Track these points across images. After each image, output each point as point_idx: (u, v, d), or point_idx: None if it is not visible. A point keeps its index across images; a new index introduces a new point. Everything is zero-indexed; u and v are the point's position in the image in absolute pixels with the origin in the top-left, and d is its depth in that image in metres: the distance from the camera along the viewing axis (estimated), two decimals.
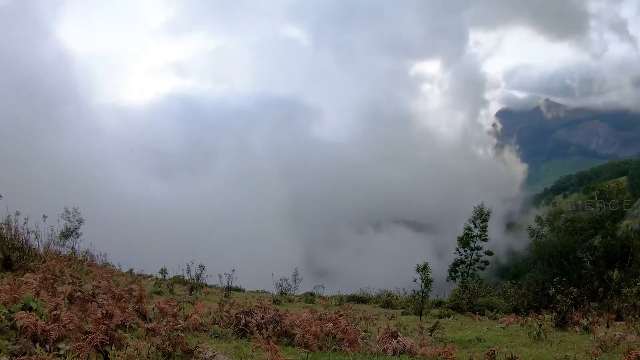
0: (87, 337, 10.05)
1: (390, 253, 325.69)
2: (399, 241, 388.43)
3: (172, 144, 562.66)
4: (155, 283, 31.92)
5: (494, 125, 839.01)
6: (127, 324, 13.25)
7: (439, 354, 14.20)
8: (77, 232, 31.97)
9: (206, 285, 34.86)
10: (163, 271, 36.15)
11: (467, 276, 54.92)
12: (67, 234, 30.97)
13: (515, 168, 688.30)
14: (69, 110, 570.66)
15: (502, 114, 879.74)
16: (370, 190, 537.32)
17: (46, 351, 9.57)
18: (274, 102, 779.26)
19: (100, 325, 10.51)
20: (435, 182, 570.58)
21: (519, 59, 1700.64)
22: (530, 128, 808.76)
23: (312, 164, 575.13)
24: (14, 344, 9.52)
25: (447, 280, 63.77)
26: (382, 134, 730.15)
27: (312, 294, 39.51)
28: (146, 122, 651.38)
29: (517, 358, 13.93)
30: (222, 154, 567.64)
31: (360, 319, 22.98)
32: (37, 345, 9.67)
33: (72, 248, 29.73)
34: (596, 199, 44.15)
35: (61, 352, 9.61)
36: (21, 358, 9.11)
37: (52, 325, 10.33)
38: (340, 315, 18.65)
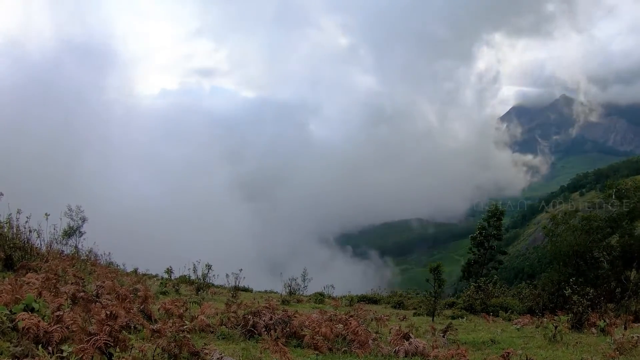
0: (90, 339, 10.04)
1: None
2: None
3: (172, 147, 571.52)
4: (161, 283, 31.94)
5: (507, 122, 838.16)
6: (132, 325, 13.26)
7: (452, 356, 14.15)
8: (81, 230, 31.91)
9: (213, 285, 34.84)
10: (169, 271, 36.11)
11: (481, 276, 54.74)
12: (70, 232, 30.90)
13: (529, 166, 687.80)
14: (73, 109, 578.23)
15: (517, 111, 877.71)
16: (373, 191, 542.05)
17: (49, 353, 9.56)
18: (275, 107, 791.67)
19: (104, 327, 10.50)
20: (438, 181, 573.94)
21: (534, 54, 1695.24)
22: (546, 125, 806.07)
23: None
24: (16, 346, 9.51)
25: (461, 280, 63.69)
26: (385, 133, 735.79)
27: (321, 294, 39.42)
28: (149, 123, 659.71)
29: None
30: (221, 157, 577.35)
31: (372, 319, 22.93)
32: (40, 347, 9.66)
33: (75, 247, 29.70)
34: (613, 197, 43.95)
35: (64, 354, 9.59)
36: None
37: (55, 327, 10.33)
38: (351, 316, 18.62)
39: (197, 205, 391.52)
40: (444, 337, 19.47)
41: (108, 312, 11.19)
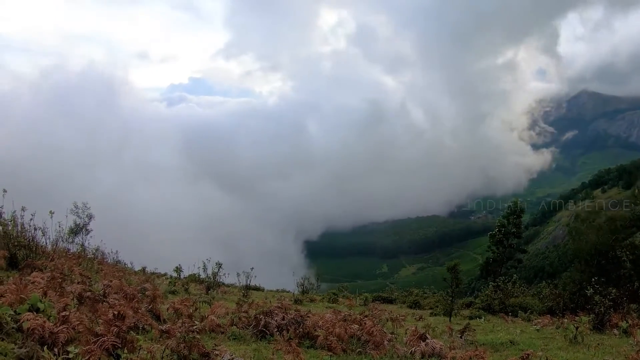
0: (97, 340, 10.04)
1: None
2: None
3: (170, 146, 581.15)
4: (170, 282, 31.91)
5: (527, 117, 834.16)
6: (140, 326, 13.25)
7: (470, 358, 14.10)
8: (87, 228, 31.87)
9: (223, 284, 34.81)
10: (178, 269, 36.12)
11: (500, 275, 54.57)
12: (76, 230, 30.80)
13: (549, 162, 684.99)
14: (79, 110, 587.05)
15: (537, 106, 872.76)
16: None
17: (54, 355, 9.56)
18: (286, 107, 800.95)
19: (112, 327, 10.49)
20: (453, 178, 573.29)
21: (556, 47, 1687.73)
22: (567, 119, 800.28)
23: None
24: (21, 347, 9.51)
25: (479, 279, 63.68)
26: (398, 131, 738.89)
27: (335, 294, 39.42)
28: (151, 120, 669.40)
29: None
30: (217, 156, 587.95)
31: (387, 320, 22.90)
32: (45, 348, 9.65)
33: (82, 245, 29.65)
34: (637, 192, 43.77)
35: (70, 356, 9.59)
36: None
37: (61, 327, 10.32)
38: (366, 316, 18.60)
39: (187, 203, 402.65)
40: (461, 337, 19.43)
41: (115, 312, 11.19)
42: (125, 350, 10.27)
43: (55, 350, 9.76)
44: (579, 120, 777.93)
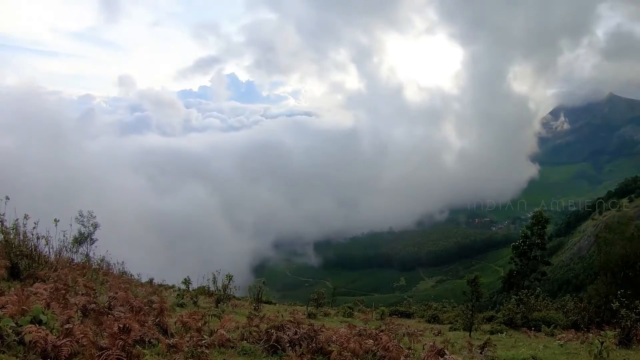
0: (102, 354, 10.04)
1: None
2: None
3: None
4: (178, 294, 31.85)
5: (551, 123, 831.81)
6: (147, 340, 13.24)
7: None
8: (92, 237, 31.90)
9: (234, 297, 34.78)
10: (186, 281, 36.11)
11: (522, 288, 54.39)
12: (80, 239, 30.84)
13: (574, 170, 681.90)
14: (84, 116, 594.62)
15: (560, 111, 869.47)
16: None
17: None
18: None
19: (117, 341, 10.50)
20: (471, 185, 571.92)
21: (579, 51, 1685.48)
22: (592, 125, 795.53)
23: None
24: None
25: (500, 293, 63.43)
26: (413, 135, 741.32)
27: (351, 307, 39.43)
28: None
29: None
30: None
31: (404, 335, 22.86)
32: None
33: (87, 255, 29.68)
34: None
35: None
36: None
37: (64, 341, 10.32)
38: (382, 331, 18.54)
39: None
40: (481, 353, 19.39)
41: (121, 326, 11.19)
42: None
43: None
44: (605, 126, 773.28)
